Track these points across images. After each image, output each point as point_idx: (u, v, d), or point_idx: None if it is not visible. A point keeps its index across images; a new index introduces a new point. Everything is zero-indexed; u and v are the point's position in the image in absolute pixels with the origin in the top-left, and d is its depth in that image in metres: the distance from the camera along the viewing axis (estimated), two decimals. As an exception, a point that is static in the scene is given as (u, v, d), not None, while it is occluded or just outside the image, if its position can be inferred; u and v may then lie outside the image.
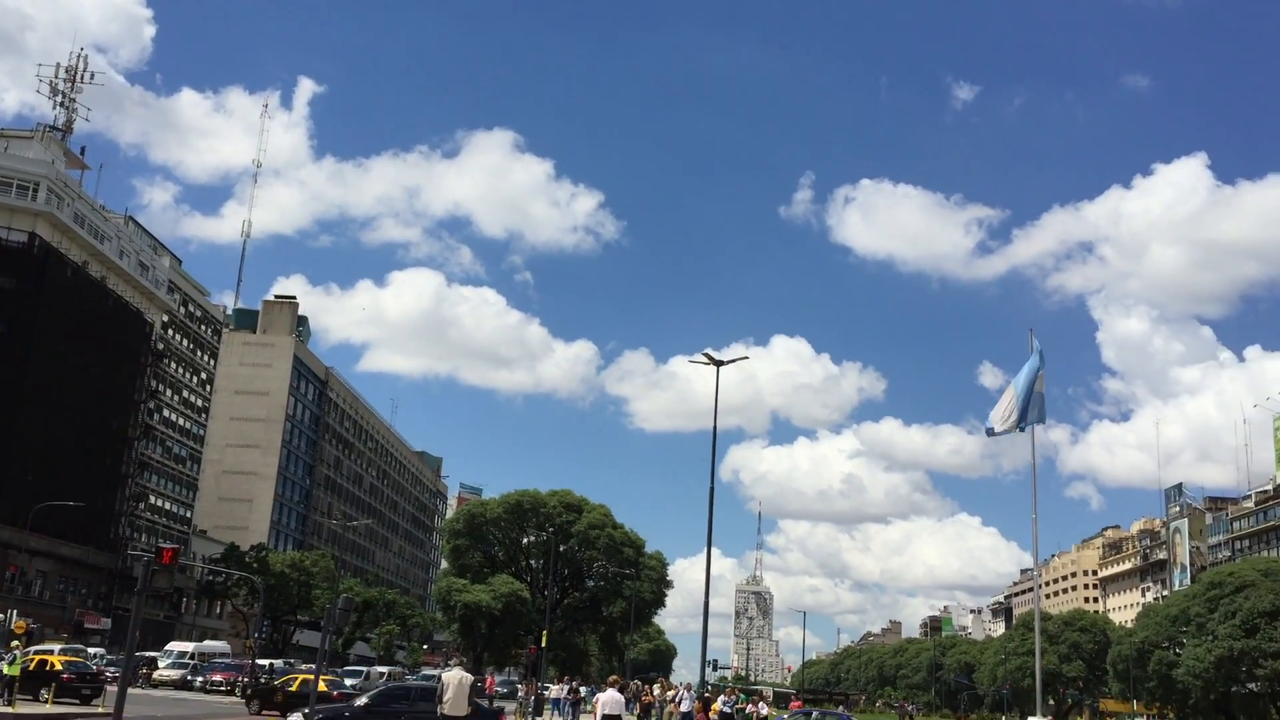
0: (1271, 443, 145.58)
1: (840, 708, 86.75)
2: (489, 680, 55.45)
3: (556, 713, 44.90)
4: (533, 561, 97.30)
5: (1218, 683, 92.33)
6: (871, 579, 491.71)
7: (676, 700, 39.95)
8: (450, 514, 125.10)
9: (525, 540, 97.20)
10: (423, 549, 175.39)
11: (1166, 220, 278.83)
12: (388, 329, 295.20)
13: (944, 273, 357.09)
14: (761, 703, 45.20)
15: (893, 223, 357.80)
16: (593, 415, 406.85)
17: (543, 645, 67.83)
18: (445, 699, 19.97)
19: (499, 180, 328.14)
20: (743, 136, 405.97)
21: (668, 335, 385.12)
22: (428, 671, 46.75)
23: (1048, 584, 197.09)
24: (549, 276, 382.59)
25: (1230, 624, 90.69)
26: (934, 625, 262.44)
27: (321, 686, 31.24)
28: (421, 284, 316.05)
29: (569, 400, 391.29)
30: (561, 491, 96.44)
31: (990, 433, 29.63)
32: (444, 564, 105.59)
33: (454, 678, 20.57)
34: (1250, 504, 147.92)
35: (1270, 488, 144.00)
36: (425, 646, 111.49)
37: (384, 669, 69.53)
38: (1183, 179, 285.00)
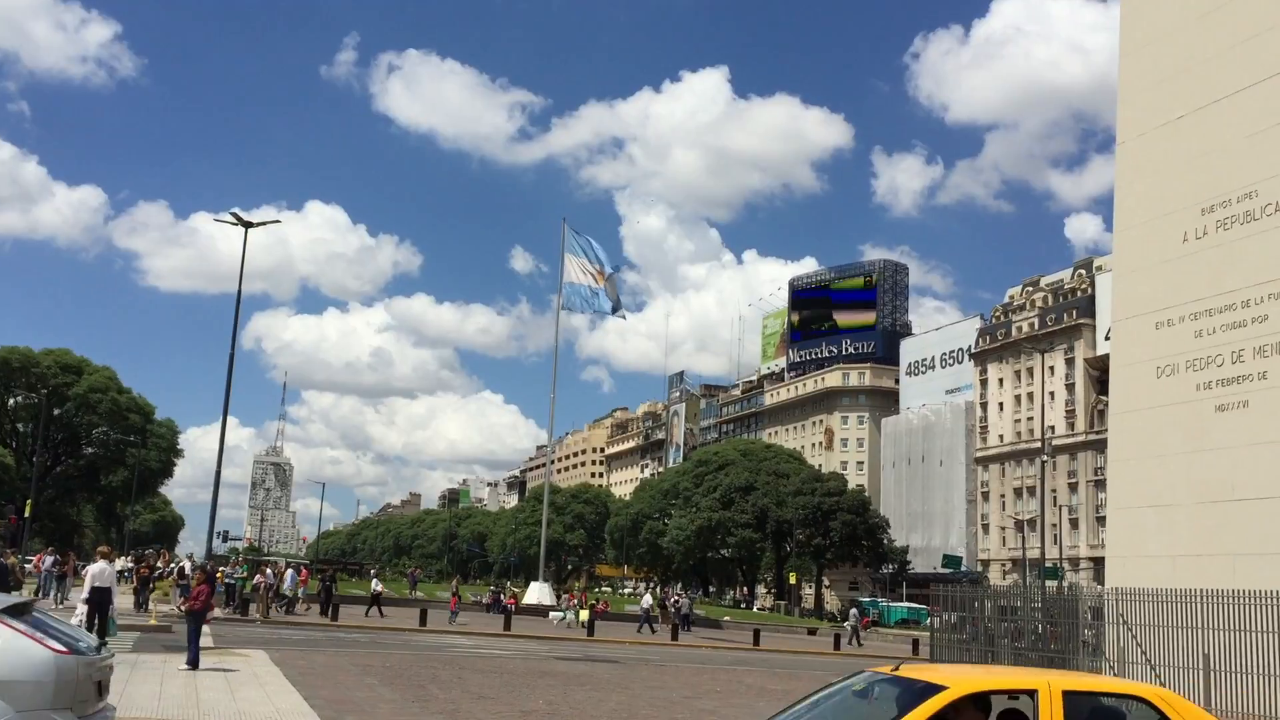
0: (759, 338, 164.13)
1: None
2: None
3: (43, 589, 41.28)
4: (20, 425, 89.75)
5: (696, 549, 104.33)
6: (394, 452, 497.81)
7: (177, 572, 38.44)
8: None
9: (12, 402, 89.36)
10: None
11: (688, 126, 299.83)
12: None
13: (484, 154, 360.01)
14: (290, 570, 44.26)
15: (437, 97, 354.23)
16: (98, 269, 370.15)
17: (25, 515, 62.32)
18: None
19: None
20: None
21: (190, 190, 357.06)
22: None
23: (560, 460, 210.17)
24: (50, 110, 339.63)
25: (711, 497, 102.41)
26: (452, 497, 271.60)
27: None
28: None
29: (69, 250, 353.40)
30: (58, 351, 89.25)
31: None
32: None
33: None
34: (738, 392, 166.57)
35: (755, 378, 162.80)
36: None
37: None
38: (705, 88, 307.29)
